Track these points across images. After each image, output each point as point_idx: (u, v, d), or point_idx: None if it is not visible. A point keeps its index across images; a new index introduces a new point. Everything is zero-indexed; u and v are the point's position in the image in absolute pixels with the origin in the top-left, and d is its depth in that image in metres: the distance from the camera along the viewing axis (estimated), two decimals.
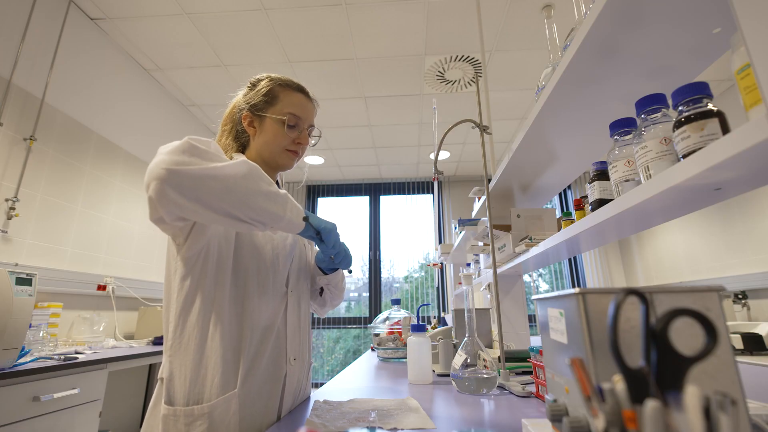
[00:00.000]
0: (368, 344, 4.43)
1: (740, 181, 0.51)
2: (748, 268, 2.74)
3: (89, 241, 2.34)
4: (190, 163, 0.61)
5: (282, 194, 0.70)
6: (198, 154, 0.63)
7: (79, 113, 2.31)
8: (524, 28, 2.51)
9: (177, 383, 0.71)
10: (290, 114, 0.88)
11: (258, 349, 0.77)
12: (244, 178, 0.65)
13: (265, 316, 0.80)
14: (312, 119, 0.94)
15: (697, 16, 0.62)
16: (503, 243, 1.42)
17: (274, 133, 0.88)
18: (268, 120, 0.88)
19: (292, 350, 0.84)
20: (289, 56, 2.77)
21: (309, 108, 0.93)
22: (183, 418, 0.69)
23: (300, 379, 0.87)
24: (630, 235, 1.01)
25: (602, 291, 0.37)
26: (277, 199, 0.69)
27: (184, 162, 0.61)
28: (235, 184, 0.63)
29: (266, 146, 0.89)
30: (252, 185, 0.65)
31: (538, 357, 0.85)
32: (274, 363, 0.80)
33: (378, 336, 1.59)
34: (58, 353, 1.67)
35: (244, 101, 0.91)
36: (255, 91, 0.91)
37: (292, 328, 0.86)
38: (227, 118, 0.96)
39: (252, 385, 0.75)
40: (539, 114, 0.96)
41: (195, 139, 0.66)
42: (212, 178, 0.61)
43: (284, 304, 0.85)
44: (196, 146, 0.64)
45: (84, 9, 2.34)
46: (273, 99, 0.89)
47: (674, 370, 0.31)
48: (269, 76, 0.93)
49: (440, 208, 4.84)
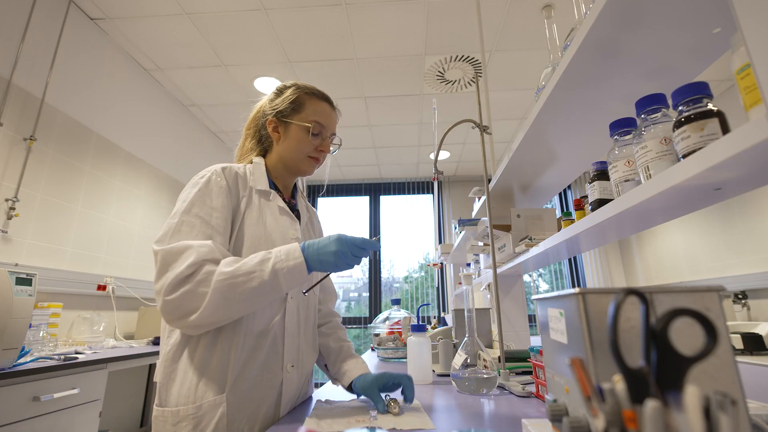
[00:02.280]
0: (368, 344, 4.43)
1: (740, 181, 0.51)
2: (748, 268, 2.74)
3: (89, 241, 2.34)
4: (189, 302, 0.67)
5: (268, 273, 0.69)
6: (185, 276, 0.67)
7: (79, 113, 2.31)
8: (524, 28, 2.51)
9: (168, 386, 0.73)
10: (315, 122, 0.91)
11: (251, 355, 0.77)
12: (233, 293, 0.68)
13: (260, 321, 0.79)
14: (334, 128, 0.97)
15: (697, 16, 0.62)
16: (503, 243, 1.42)
17: (298, 140, 0.91)
18: (293, 126, 0.91)
19: (290, 357, 0.82)
20: (289, 56, 2.77)
21: (333, 117, 0.95)
22: (170, 418, 0.71)
23: (300, 386, 0.86)
24: (630, 235, 1.01)
25: (602, 291, 0.37)
26: (264, 285, 0.69)
27: (186, 307, 0.67)
28: (232, 297, 0.68)
29: (289, 152, 0.92)
30: (240, 291, 0.68)
31: (538, 357, 0.85)
32: (268, 370, 0.79)
33: (378, 336, 1.59)
34: (58, 353, 1.67)
35: (270, 107, 0.94)
36: (282, 97, 0.93)
37: (291, 335, 0.84)
38: (251, 122, 0.99)
39: (242, 390, 0.74)
40: (539, 114, 0.96)
41: (168, 252, 0.69)
42: (221, 304, 0.67)
43: (282, 310, 0.83)
44: (175, 268, 0.68)
45: (84, 9, 2.34)
46: (299, 106, 0.92)
47: (674, 370, 0.31)
48: (296, 84, 0.95)
49: (440, 208, 4.84)
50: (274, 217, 0.87)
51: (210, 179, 0.81)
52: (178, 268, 0.67)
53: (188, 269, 0.67)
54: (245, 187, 0.87)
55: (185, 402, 0.71)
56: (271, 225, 0.85)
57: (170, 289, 0.67)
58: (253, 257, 0.71)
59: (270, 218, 0.86)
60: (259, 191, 0.88)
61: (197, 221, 0.75)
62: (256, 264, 0.70)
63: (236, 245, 0.81)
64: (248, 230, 0.82)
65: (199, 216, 0.76)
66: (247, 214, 0.83)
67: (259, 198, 0.87)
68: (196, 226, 0.75)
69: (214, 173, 0.82)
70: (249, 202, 0.85)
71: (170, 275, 0.67)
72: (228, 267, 0.69)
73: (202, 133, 3.64)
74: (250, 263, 0.70)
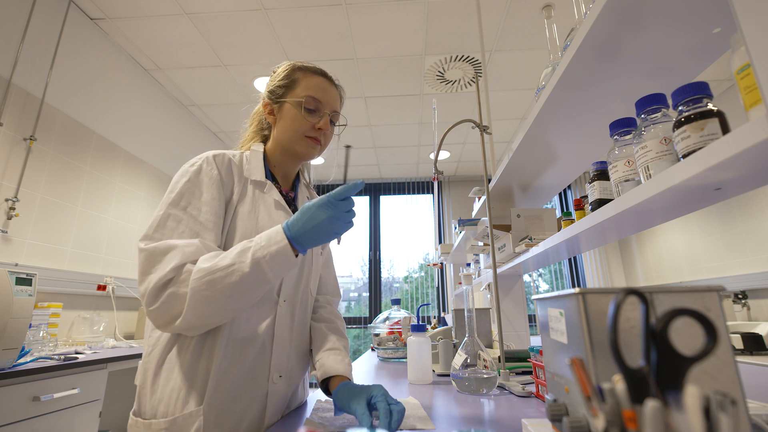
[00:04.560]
0: (368, 344, 4.43)
1: (740, 181, 0.51)
2: (747, 268, 2.74)
3: (89, 241, 2.34)
4: (173, 306, 0.62)
5: (248, 264, 0.63)
6: (167, 280, 0.63)
7: (79, 113, 2.31)
8: (524, 28, 2.51)
9: (146, 393, 0.69)
10: (309, 97, 0.82)
11: (233, 363, 0.70)
12: (212, 290, 0.62)
13: (246, 326, 0.72)
14: (335, 105, 0.87)
15: (697, 16, 0.62)
16: (503, 243, 1.42)
17: (292, 118, 0.82)
18: (287, 105, 0.83)
19: (278, 367, 0.75)
20: (289, 56, 2.77)
21: (331, 92, 0.86)
22: (143, 430, 0.67)
23: (287, 398, 0.78)
24: (630, 235, 1.01)
25: (602, 291, 0.37)
26: (247, 278, 0.63)
27: (171, 311, 0.63)
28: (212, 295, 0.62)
29: (284, 133, 0.83)
30: (221, 287, 0.62)
31: (538, 357, 0.85)
32: (252, 380, 0.72)
33: (378, 336, 1.59)
34: (58, 353, 1.67)
35: (265, 89, 0.88)
36: (274, 76, 0.87)
37: (281, 342, 0.76)
38: (255, 111, 0.94)
39: (221, 402, 0.68)
40: (539, 114, 0.96)
41: (150, 253, 0.65)
42: (202, 304, 0.62)
43: (273, 315, 0.76)
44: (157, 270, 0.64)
45: (84, 9, 2.34)
46: (292, 83, 0.84)
47: (674, 370, 0.31)
48: (289, 62, 0.88)
49: (440, 208, 4.84)
50: (267, 211, 0.79)
51: (201, 168, 0.75)
52: (161, 272, 0.63)
53: (171, 273, 0.63)
54: (240, 176, 0.80)
55: (162, 414, 0.66)
56: (263, 219, 0.78)
57: (153, 295, 0.63)
58: (233, 249, 0.65)
59: (263, 212, 0.79)
60: (254, 182, 0.81)
61: (184, 216, 0.70)
62: (235, 256, 0.63)
63: (227, 240, 0.75)
64: (240, 224, 0.76)
65: (187, 210, 0.70)
66: (239, 207, 0.77)
67: (253, 189, 0.80)
68: (183, 220, 0.69)
69: (205, 161, 0.76)
70: (242, 194, 0.79)
71: (153, 278, 0.63)
72: (206, 263, 0.63)
73: (202, 133, 3.64)
74: (229, 255, 0.64)
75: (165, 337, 0.71)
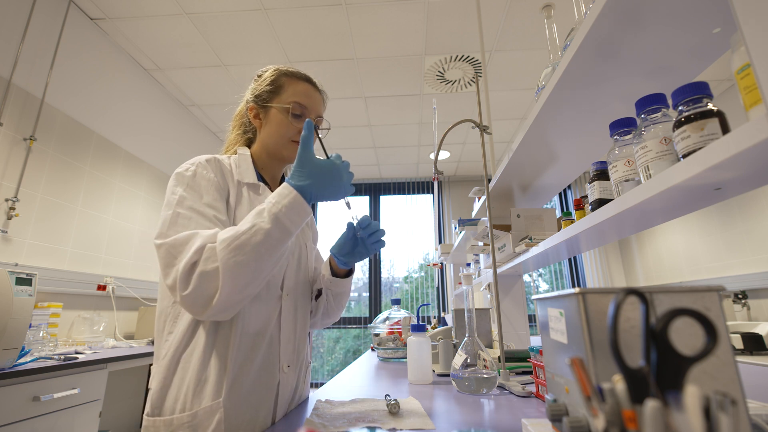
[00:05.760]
0: (368, 344, 4.43)
1: (740, 181, 0.51)
2: (747, 268, 2.74)
3: (89, 241, 2.34)
4: (207, 285, 0.62)
5: (268, 221, 0.65)
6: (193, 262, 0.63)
7: (79, 113, 2.31)
8: (524, 28, 2.51)
9: (163, 393, 0.69)
10: (295, 103, 0.85)
11: (247, 356, 0.73)
12: (242, 254, 0.63)
13: (256, 321, 0.75)
14: (319, 110, 0.90)
15: (697, 16, 0.62)
16: (503, 243, 1.42)
17: (278, 123, 0.85)
18: (273, 110, 0.86)
19: (286, 357, 0.79)
20: (289, 56, 2.77)
21: (315, 98, 0.89)
22: (162, 427, 0.66)
23: (294, 386, 0.83)
24: (630, 235, 1.01)
25: (602, 291, 0.37)
26: (270, 235, 0.65)
27: (206, 292, 0.63)
28: (243, 259, 0.63)
29: (271, 137, 0.86)
30: (249, 250, 0.64)
31: (538, 357, 0.85)
32: (265, 371, 0.75)
33: (378, 336, 1.59)
34: (58, 353, 1.67)
35: (250, 93, 0.90)
36: (260, 81, 0.89)
37: (287, 334, 0.81)
38: (237, 114, 0.95)
39: (239, 394, 0.70)
40: (539, 114, 0.96)
41: (171, 245, 0.65)
42: (236, 271, 0.62)
43: (278, 308, 0.80)
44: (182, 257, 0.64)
45: (84, 9, 2.34)
46: (278, 89, 0.87)
47: (674, 370, 0.31)
48: (275, 67, 0.90)
49: (440, 208, 4.84)
50: None
51: (196, 173, 0.76)
52: (185, 257, 0.63)
53: (195, 255, 0.63)
54: (232, 180, 0.82)
55: (180, 410, 0.67)
56: None
57: (183, 281, 0.63)
58: (246, 217, 0.67)
59: None
60: (248, 185, 0.83)
61: (193, 214, 0.71)
62: (253, 218, 0.66)
63: None
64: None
65: (193, 208, 0.71)
66: (237, 210, 0.79)
67: (248, 192, 0.82)
68: (193, 218, 0.70)
69: (199, 166, 0.77)
70: (239, 197, 0.81)
71: (180, 266, 0.63)
72: (226, 233, 0.65)
73: (202, 133, 3.64)
74: (247, 220, 0.66)
75: (177, 338, 0.72)
